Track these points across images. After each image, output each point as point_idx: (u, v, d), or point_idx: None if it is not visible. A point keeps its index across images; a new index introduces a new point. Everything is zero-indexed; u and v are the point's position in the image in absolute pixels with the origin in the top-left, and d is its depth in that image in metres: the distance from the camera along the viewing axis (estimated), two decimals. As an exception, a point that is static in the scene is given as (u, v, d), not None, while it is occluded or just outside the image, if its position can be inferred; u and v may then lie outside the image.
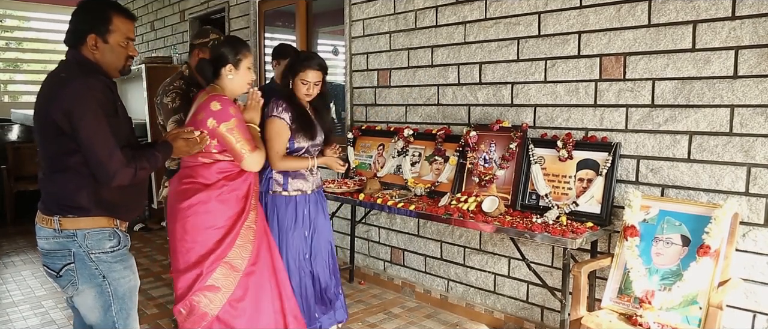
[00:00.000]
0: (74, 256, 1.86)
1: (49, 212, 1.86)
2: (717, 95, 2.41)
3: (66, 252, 1.86)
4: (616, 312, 2.41)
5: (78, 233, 1.85)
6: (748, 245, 2.38)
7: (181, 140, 2.10)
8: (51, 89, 1.83)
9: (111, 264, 1.90)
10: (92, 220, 1.86)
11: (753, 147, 2.33)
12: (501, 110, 3.21)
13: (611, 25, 2.70)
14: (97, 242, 1.88)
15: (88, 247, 1.87)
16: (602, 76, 2.77)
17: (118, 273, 1.92)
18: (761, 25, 2.27)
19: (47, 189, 1.88)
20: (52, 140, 1.81)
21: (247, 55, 2.47)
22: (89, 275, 1.87)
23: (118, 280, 1.92)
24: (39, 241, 1.91)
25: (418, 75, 3.65)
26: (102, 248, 1.88)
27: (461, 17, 3.35)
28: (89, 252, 1.87)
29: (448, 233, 3.55)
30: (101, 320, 1.92)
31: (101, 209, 1.87)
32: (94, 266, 1.88)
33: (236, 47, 2.45)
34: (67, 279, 1.88)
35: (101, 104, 1.79)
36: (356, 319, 3.41)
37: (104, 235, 1.89)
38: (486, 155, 3.16)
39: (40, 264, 1.92)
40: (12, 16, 7.85)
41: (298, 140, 2.73)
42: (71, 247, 1.85)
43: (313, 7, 4.68)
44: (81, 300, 1.92)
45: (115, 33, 1.88)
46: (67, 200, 1.83)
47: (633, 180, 2.70)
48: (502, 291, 3.29)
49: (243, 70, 2.46)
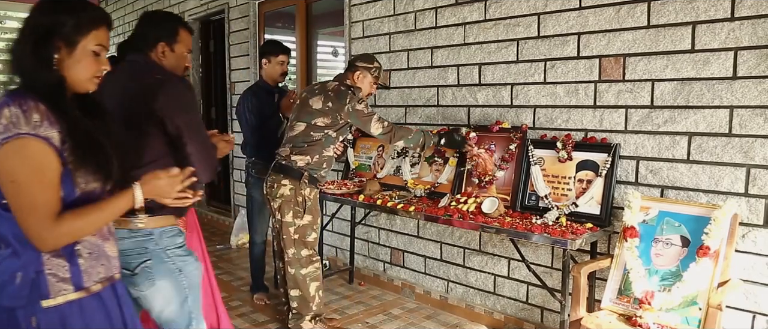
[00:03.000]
0: (151, 253, 1.90)
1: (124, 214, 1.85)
2: (716, 96, 2.41)
3: (142, 250, 1.89)
4: (616, 312, 2.41)
5: (155, 231, 1.90)
6: (747, 246, 2.38)
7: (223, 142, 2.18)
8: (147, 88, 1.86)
9: (184, 258, 1.97)
10: (165, 218, 1.92)
11: (752, 148, 2.33)
12: (501, 111, 3.21)
13: (611, 26, 2.71)
14: (171, 238, 1.94)
15: (165, 244, 1.92)
16: (602, 77, 2.77)
17: (192, 265, 1.99)
18: (760, 26, 2.27)
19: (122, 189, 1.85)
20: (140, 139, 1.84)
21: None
22: (166, 270, 1.92)
23: (193, 272, 1.99)
24: None
25: (418, 76, 3.65)
26: (175, 243, 1.95)
27: (461, 18, 3.36)
28: (165, 249, 1.92)
29: (447, 234, 3.55)
30: (177, 313, 1.96)
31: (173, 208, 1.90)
32: (171, 262, 1.93)
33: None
34: (144, 276, 1.89)
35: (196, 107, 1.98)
36: (356, 320, 3.41)
37: (175, 232, 1.97)
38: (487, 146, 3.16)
39: None
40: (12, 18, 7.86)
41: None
42: (148, 245, 1.89)
43: (313, 9, 4.68)
44: (156, 296, 1.92)
45: (180, 44, 2.06)
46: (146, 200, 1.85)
47: (632, 181, 2.70)
48: (501, 292, 3.29)
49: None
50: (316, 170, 2.99)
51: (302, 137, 2.96)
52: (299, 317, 3.05)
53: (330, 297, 3.77)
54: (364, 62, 3.11)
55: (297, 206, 2.95)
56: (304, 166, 2.95)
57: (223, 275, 4.28)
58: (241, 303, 3.72)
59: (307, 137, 2.96)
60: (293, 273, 3.00)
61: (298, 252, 2.99)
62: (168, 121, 1.83)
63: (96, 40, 1.43)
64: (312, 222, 3.00)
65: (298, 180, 2.93)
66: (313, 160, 2.96)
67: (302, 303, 3.03)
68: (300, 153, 2.95)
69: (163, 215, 1.91)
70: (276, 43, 3.65)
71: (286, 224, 2.96)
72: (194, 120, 1.90)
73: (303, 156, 2.95)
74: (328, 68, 4.99)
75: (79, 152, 1.36)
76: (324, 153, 2.98)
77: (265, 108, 3.52)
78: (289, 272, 3.01)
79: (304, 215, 2.97)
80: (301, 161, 2.95)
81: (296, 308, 3.05)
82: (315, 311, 3.05)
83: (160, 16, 2.09)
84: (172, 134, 1.85)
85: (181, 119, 1.85)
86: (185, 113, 1.87)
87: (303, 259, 3.00)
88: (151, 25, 2.04)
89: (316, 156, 2.96)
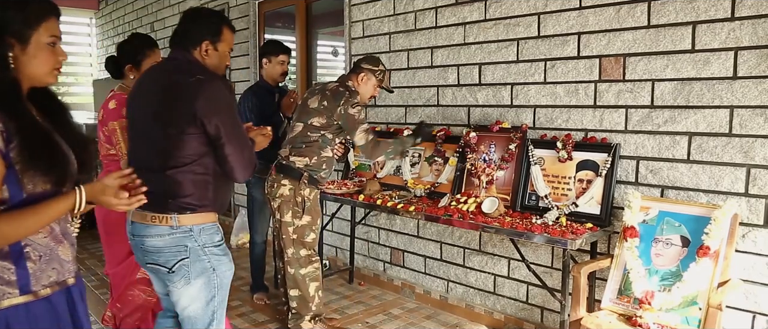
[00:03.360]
0: (189, 251, 1.91)
1: (164, 210, 1.89)
2: (716, 96, 2.41)
3: (182, 248, 1.91)
4: (616, 312, 2.41)
5: (195, 228, 1.91)
6: (747, 246, 2.38)
7: (260, 136, 2.21)
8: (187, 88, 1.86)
9: (220, 257, 1.99)
10: (204, 215, 1.94)
11: (752, 148, 2.33)
12: (501, 110, 3.21)
13: (611, 26, 2.71)
14: (209, 236, 1.96)
15: (203, 241, 1.94)
16: (602, 77, 2.77)
17: (225, 265, 2.01)
18: (760, 26, 2.27)
19: (160, 187, 1.85)
20: (177, 138, 1.85)
21: (150, 54, 2.50)
22: (201, 268, 1.94)
23: (225, 272, 2.01)
24: (146, 240, 1.92)
25: (418, 76, 3.65)
26: (213, 241, 1.97)
27: (461, 18, 3.36)
28: (203, 247, 1.94)
29: (447, 234, 3.55)
30: (201, 310, 1.98)
31: (213, 205, 1.96)
32: (206, 259, 1.95)
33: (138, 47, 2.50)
34: (180, 274, 1.92)
35: (234, 107, 1.96)
36: (356, 320, 3.41)
37: (214, 230, 1.98)
38: (486, 156, 3.16)
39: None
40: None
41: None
42: (187, 243, 1.91)
43: (313, 8, 4.68)
44: (186, 292, 1.95)
45: (223, 42, 2.03)
46: (186, 197, 1.88)
47: (632, 181, 2.70)
48: (501, 291, 3.29)
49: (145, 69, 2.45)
50: (316, 171, 2.98)
51: (300, 137, 2.96)
52: (299, 317, 3.05)
53: (330, 297, 3.77)
54: (369, 64, 3.08)
55: (296, 207, 2.95)
56: (303, 167, 2.94)
57: (223, 275, 4.28)
58: (241, 302, 3.72)
59: (305, 137, 2.95)
60: (293, 272, 3.00)
61: (297, 251, 2.99)
62: (207, 121, 1.83)
63: (48, 31, 1.37)
64: (311, 223, 3.00)
65: (297, 181, 2.93)
66: (312, 161, 2.95)
67: (301, 303, 3.03)
68: (298, 154, 2.95)
69: (203, 213, 1.93)
70: (276, 43, 3.64)
71: (285, 224, 2.96)
72: (233, 120, 1.90)
73: (301, 157, 2.94)
74: (328, 68, 4.98)
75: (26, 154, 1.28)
76: (322, 154, 2.98)
77: (266, 108, 3.52)
78: (289, 272, 3.01)
79: (303, 216, 2.97)
80: (300, 161, 2.94)
81: (295, 308, 3.04)
82: (314, 311, 3.05)
83: (205, 14, 2.06)
84: (211, 135, 1.86)
85: (219, 119, 1.85)
86: (224, 113, 1.87)
87: (302, 259, 3.00)
88: (196, 23, 2.01)
89: (314, 157, 2.96)
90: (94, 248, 5.16)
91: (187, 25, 2.01)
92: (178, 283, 1.94)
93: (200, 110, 1.82)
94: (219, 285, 1.99)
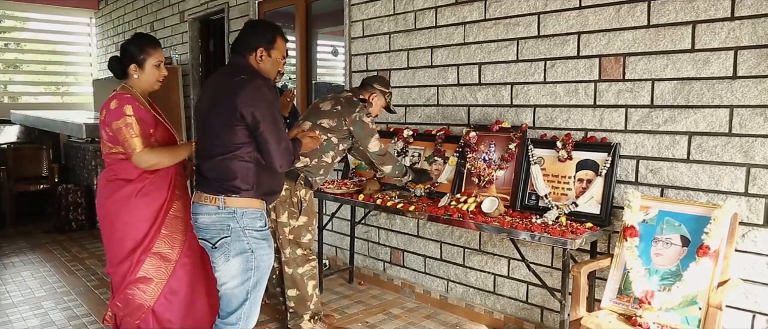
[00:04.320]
0: (231, 230, 2.16)
1: (214, 192, 2.17)
2: (716, 96, 2.41)
3: (225, 227, 2.16)
4: (616, 312, 2.41)
5: (238, 210, 2.16)
6: (747, 245, 2.38)
7: (307, 138, 2.51)
8: (234, 85, 2.13)
9: (259, 241, 2.21)
10: (250, 201, 2.19)
11: (752, 148, 2.33)
12: (500, 110, 3.21)
13: (611, 26, 2.71)
14: (251, 220, 2.19)
15: (245, 224, 2.17)
16: (602, 76, 2.77)
17: (264, 250, 2.23)
18: (760, 26, 2.27)
19: (212, 172, 2.18)
20: (225, 129, 2.13)
21: (153, 53, 2.53)
22: (241, 248, 2.17)
23: (263, 256, 2.22)
24: (198, 217, 2.22)
25: (418, 76, 3.65)
26: (254, 226, 2.20)
27: (461, 18, 3.36)
28: (244, 228, 2.17)
29: (447, 233, 3.55)
30: (237, 286, 2.20)
31: (258, 192, 2.20)
32: (246, 241, 2.18)
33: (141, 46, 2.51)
34: (221, 250, 2.18)
35: (276, 103, 2.18)
36: (356, 320, 3.41)
37: (257, 215, 2.21)
38: (485, 156, 3.16)
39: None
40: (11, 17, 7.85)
41: None
42: (230, 223, 2.16)
43: (313, 8, 4.68)
44: (226, 268, 2.19)
45: (276, 50, 2.30)
46: (232, 182, 2.14)
47: (632, 181, 2.70)
48: (501, 291, 3.28)
49: (149, 69, 2.52)
50: (313, 174, 2.99)
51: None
52: (298, 316, 3.05)
53: (330, 297, 3.77)
54: (381, 86, 3.21)
55: (292, 208, 2.96)
56: (302, 167, 2.95)
57: (223, 274, 4.28)
58: (241, 302, 3.71)
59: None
60: (290, 272, 3.01)
61: (293, 251, 3.00)
62: (245, 112, 2.08)
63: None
64: (307, 223, 3.02)
65: (294, 181, 2.93)
66: (312, 163, 2.96)
67: (299, 303, 3.03)
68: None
69: (247, 198, 2.17)
70: None
71: (281, 225, 2.97)
72: (271, 113, 2.13)
73: (302, 157, 2.94)
74: (328, 68, 4.99)
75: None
76: (323, 158, 2.99)
77: None
78: (287, 272, 3.02)
79: (300, 217, 2.98)
80: (299, 161, 2.94)
81: (293, 307, 3.05)
82: (313, 310, 3.06)
83: (262, 25, 2.35)
84: (249, 124, 2.10)
85: (256, 110, 2.08)
86: (261, 106, 2.09)
87: (299, 258, 3.01)
88: (253, 32, 2.28)
89: (315, 160, 2.97)
90: (94, 247, 5.16)
91: (246, 34, 2.29)
92: (219, 259, 2.19)
93: (240, 103, 2.08)
94: (256, 266, 2.20)
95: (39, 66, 8.07)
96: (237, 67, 2.25)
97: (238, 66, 2.25)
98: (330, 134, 2.98)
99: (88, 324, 3.39)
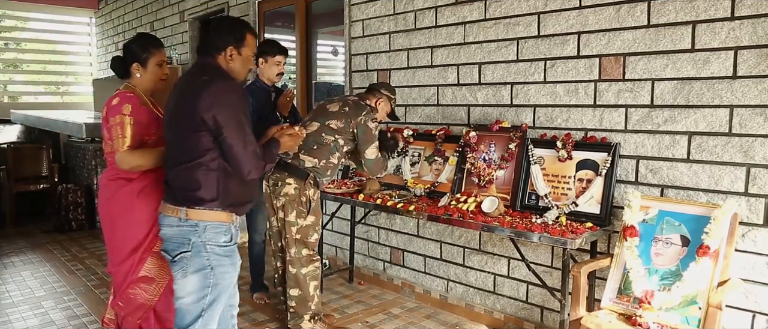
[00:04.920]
0: (192, 245, 2.05)
1: (177, 203, 2.06)
2: (716, 96, 2.41)
3: (186, 241, 2.05)
4: (616, 312, 2.41)
5: (200, 224, 2.04)
6: (747, 245, 2.38)
7: (286, 136, 2.32)
8: (195, 89, 2.00)
9: (221, 258, 2.09)
10: (215, 214, 2.06)
11: (752, 147, 2.33)
12: (500, 110, 3.21)
13: (611, 26, 2.71)
14: (214, 235, 2.06)
15: (206, 238, 2.05)
16: (602, 76, 2.77)
17: (225, 267, 2.11)
18: (760, 26, 2.27)
19: (176, 181, 2.07)
20: (189, 135, 2.00)
21: (155, 53, 2.53)
22: (200, 264, 2.06)
23: (223, 274, 2.10)
24: (162, 228, 2.13)
25: (418, 75, 3.65)
26: (217, 241, 2.07)
27: (461, 18, 3.35)
28: (206, 243, 2.05)
29: (447, 233, 3.55)
30: (191, 305, 2.09)
31: (225, 203, 2.07)
32: (206, 257, 2.06)
33: (145, 45, 2.52)
34: (179, 265, 2.07)
35: (241, 105, 2.04)
36: (356, 320, 3.41)
37: (222, 230, 2.08)
38: (485, 156, 3.16)
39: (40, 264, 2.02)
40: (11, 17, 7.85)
41: None
42: (191, 237, 2.05)
43: (313, 8, 4.68)
44: (183, 283, 2.08)
45: (246, 48, 2.16)
46: (196, 192, 2.02)
47: (632, 180, 2.70)
48: (501, 291, 3.29)
49: (151, 68, 2.52)
50: (321, 175, 3.03)
51: (313, 137, 2.97)
52: (298, 316, 3.05)
53: (330, 297, 3.77)
54: (388, 92, 3.20)
55: (301, 207, 2.97)
56: (311, 167, 2.97)
57: (223, 274, 4.28)
58: (241, 302, 3.70)
59: (319, 138, 2.98)
60: (294, 272, 3.01)
61: (299, 251, 3.00)
62: (207, 116, 1.96)
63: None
64: (315, 223, 3.03)
65: (303, 180, 2.96)
66: (321, 164, 2.98)
67: (300, 303, 3.03)
68: (309, 154, 2.97)
69: (212, 211, 2.04)
70: (273, 43, 3.63)
71: (289, 224, 2.97)
72: (235, 116, 1.99)
73: (311, 157, 2.96)
74: (328, 68, 4.99)
75: None
76: (330, 159, 3.01)
77: (262, 108, 3.51)
78: (290, 271, 3.02)
79: (308, 216, 2.99)
80: (309, 161, 2.97)
81: (294, 307, 3.05)
82: (313, 310, 3.06)
83: (229, 23, 2.19)
84: (211, 128, 1.97)
85: (218, 113, 1.95)
86: (225, 108, 1.97)
87: (303, 258, 3.01)
88: (220, 31, 2.14)
89: (323, 160, 2.98)
90: (94, 247, 5.16)
91: (212, 34, 2.15)
92: (177, 273, 2.08)
93: (201, 107, 1.95)
94: (214, 284, 2.08)
95: (39, 66, 8.07)
96: (202, 67, 2.12)
97: (204, 66, 2.12)
98: (337, 136, 2.99)
99: (88, 323, 3.39)
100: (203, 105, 1.96)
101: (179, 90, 2.10)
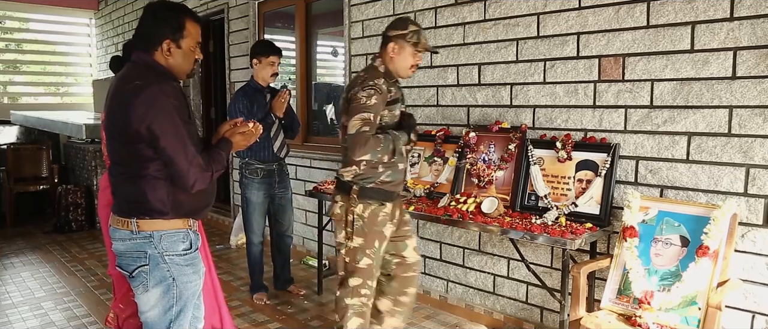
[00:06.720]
0: (149, 258, 1.87)
1: (125, 215, 1.87)
2: (715, 96, 2.41)
3: (142, 254, 1.87)
4: (616, 312, 2.41)
5: (155, 234, 1.86)
6: (746, 245, 2.38)
7: (238, 134, 2.04)
8: (126, 96, 1.80)
9: (182, 267, 1.92)
10: (168, 222, 1.88)
11: (752, 148, 2.34)
12: (500, 110, 3.22)
13: (610, 26, 2.71)
14: (172, 243, 1.89)
15: (164, 249, 1.88)
16: (601, 77, 2.77)
17: (187, 276, 1.94)
18: (759, 26, 2.28)
19: (122, 192, 1.90)
20: (127, 145, 1.82)
21: None
22: (161, 277, 1.89)
23: (186, 284, 1.94)
24: (114, 243, 1.92)
25: (417, 76, 3.65)
26: (176, 250, 1.90)
27: (460, 18, 3.36)
28: (164, 254, 1.88)
29: (447, 234, 3.55)
30: (158, 318, 1.93)
31: (177, 211, 1.89)
32: (166, 268, 1.89)
33: None
34: (139, 280, 1.90)
35: (178, 110, 1.81)
36: (356, 320, 3.41)
37: (179, 237, 1.91)
38: (485, 156, 3.16)
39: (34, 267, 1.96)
40: (12, 18, 7.86)
41: None
42: (147, 249, 1.87)
43: (313, 9, 4.68)
44: (145, 298, 1.92)
45: (187, 38, 1.90)
46: (144, 202, 1.84)
47: (632, 181, 2.70)
48: (501, 291, 3.29)
49: None
50: (370, 179, 2.44)
51: (341, 143, 2.50)
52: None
53: (330, 297, 3.77)
54: (396, 30, 2.45)
55: (348, 227, 2.49)
56: (351, 179, 2.45)
57: (223, 275, 4.28)
58: (241, 302, 3.72)
59: (343, 142, 2.44)
60: (338, 295, 2.59)
61: (346, 277, 2.54)
62: (140, 127, 1.76)
63: None
64: (364, 246, 2.47)
65: (347, 195, 2.46)
66: (361, 169, 2.43)
67: None
68: (344, 164, 2.49)
69: (165, 219, 1.87)
70: (267, 44, 3.63)
71: (339, 244, 2.58)
72: (170, 124, 1.77)
73: (347, 168, 2.46)
74: (328, 68, 4.99)
75: None
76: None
77: (257, 109, 3.50)
78: (337, 293, 2.63)
79: (354, 237, 2.47)
80: (347, 173, 2.46)
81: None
82: None
83: (163, 10, 1.89)
84: (147, 139, 1.77)
85: (152, 122, 1.75)
86: (159, 116, 1.76)
87: (349, 288, 2.52)
88: (153, 22, 1.87)
89: (361, 165, 2.43)
90: (94, 248, 5.16)
91: (146, 25, 1.88)
92: (138, 289, 1.92)
93: (133, 117, 1.76)
94: (178, 295, 1.92)
95: (39, 66, 8.08)
96: (134, 67, 1.88)
97: (137, 66, 1.88)
98: None
99: (88, 324, 3.38)
100: (135, 116, 1.75)
101: (110, 97, 1.87)
